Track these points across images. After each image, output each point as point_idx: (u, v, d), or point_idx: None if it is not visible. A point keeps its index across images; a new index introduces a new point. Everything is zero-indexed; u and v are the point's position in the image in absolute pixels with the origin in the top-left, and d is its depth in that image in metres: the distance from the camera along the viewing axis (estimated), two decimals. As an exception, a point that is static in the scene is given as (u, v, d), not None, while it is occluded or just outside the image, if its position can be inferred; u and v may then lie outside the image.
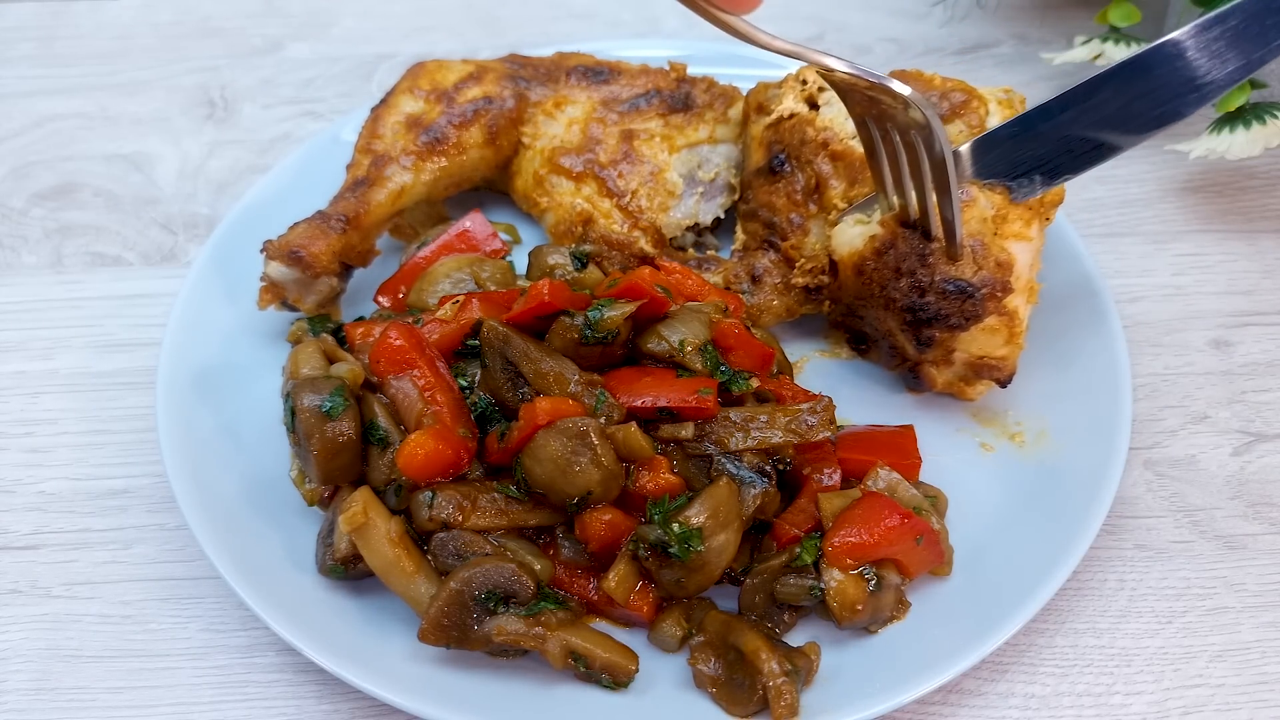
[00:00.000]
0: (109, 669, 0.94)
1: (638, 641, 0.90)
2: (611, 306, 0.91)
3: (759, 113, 1.14)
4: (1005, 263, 0.95)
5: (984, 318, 0.94)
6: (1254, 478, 1.06)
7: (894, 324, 0.99)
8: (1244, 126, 1.20)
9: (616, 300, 0.92)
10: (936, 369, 1.02)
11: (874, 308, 1.00)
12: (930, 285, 0.94)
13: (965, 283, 0.93)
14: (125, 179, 1.37)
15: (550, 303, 0.91)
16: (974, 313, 0.93)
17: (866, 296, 1.00)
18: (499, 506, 0.90)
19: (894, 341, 1.02)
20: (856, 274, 1.00)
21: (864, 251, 0.99)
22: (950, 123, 1.02)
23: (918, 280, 0.94)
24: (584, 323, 0.90)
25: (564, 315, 0.92)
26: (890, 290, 0.97)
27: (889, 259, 0.97)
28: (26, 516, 1.05)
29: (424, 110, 1.18)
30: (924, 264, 0.95)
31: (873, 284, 0.98)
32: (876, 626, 0.90)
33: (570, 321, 0.91)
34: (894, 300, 0.96)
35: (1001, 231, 0.96)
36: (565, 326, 0.91)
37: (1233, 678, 0.93)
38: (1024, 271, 0.97)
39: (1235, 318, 1.20)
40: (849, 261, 1.01)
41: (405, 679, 0.86)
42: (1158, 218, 1.30)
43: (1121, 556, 1.00)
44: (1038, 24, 1.55)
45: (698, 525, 0.85)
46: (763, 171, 1.10)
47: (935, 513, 0.94)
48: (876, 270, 0.98)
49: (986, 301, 0.93)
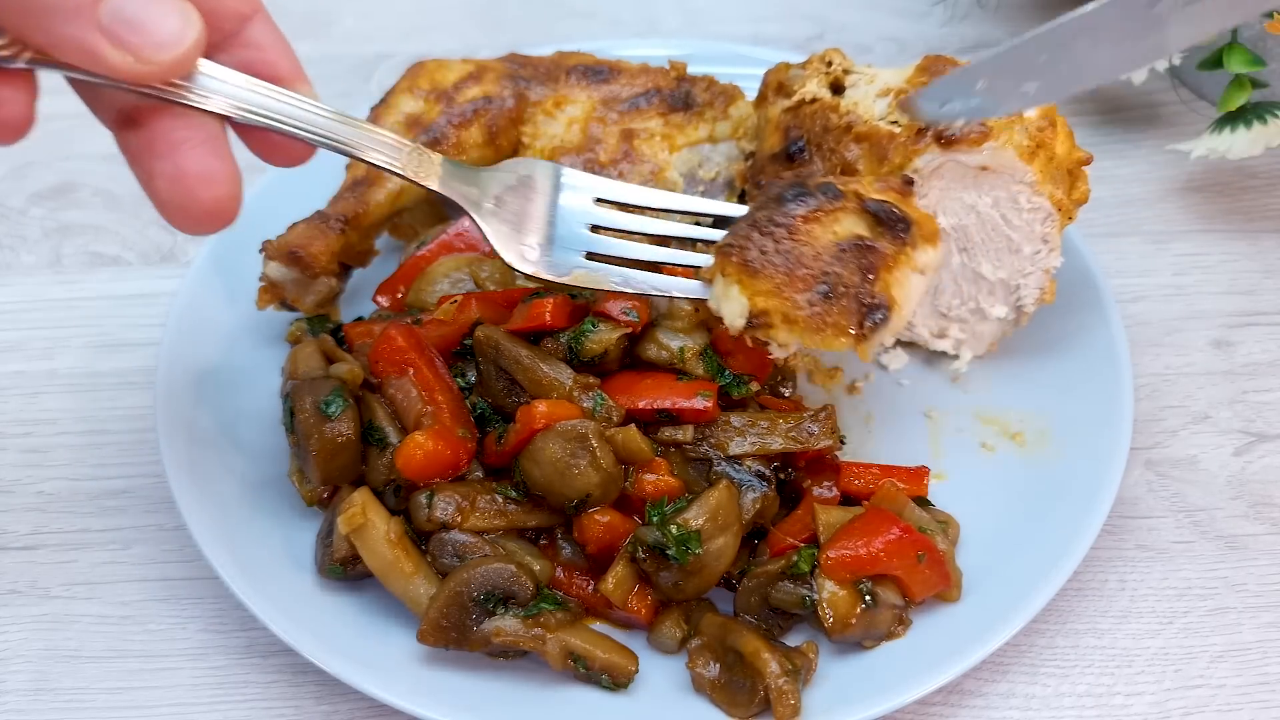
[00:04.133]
0: (108, 669, 0.94)
1: (637, 643, 0.90)
2: (596, 331, 0.91)
3: (778, 94, 1.10)
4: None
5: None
6: (1255, 478, 1.06)
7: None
8: (1245, 126, 1.20)
9: (602, 322, 0.91)
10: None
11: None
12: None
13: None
14: (124, 178, 1.34)
15: (551, 324, 0.92)
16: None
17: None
18: (498, 507, 0.90)
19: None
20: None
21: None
22: None
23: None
24: (568, 348, 0.91)
25: (549, 337, 0.92)
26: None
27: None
28: (25, 517, 1.05)
29: (423, 110, 1.18)
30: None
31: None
32: (871, 643, 0.89)
33: (557, 343, 0.91)
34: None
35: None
36: (554, 346, 0.92)
37: (1234, 678, 0.92)
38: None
39: (1236, 318, 1.19)
40: None
41: (404, 679, 0.86)
42: (1159, 217, 1.30)
43: (1122, 557, 1.00)
44: (1038, 23, 1.54)
45: (696, 528, 0.85)
46: (778, 156, 1.06)
47: (944, 537, 0.92)
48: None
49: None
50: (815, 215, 0.88)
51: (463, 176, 0.86)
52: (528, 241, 0.87)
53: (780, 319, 0.85)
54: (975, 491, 1.00)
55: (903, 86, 1.05)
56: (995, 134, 0.98)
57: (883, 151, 1.02)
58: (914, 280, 0.90)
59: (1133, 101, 1.42)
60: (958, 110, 0.80)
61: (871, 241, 0.88)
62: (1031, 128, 0.99)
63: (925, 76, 1.03)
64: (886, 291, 0.87)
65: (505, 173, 0.90)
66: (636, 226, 0.92)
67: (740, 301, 0.86)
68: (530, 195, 0.89)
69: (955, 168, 1.01)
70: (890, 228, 0.89)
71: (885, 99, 1.05)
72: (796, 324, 0.85)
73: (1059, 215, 1.02)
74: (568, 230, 0.90)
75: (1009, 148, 0.99)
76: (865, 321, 0.86)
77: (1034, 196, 1.01)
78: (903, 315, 0.88)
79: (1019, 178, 1.01)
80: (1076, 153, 1.03)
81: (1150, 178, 1.34)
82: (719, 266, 0.88)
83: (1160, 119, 1.40)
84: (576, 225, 0.90)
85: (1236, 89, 1.21)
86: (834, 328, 0.85)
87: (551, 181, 0.91)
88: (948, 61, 1.04)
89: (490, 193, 0.87)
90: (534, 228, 0.89)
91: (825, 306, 0.85)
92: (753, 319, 0.86)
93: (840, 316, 0.85)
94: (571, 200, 0.91)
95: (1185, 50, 1.33)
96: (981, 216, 1.04)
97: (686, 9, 1.58)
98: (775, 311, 0.85)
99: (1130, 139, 1.38)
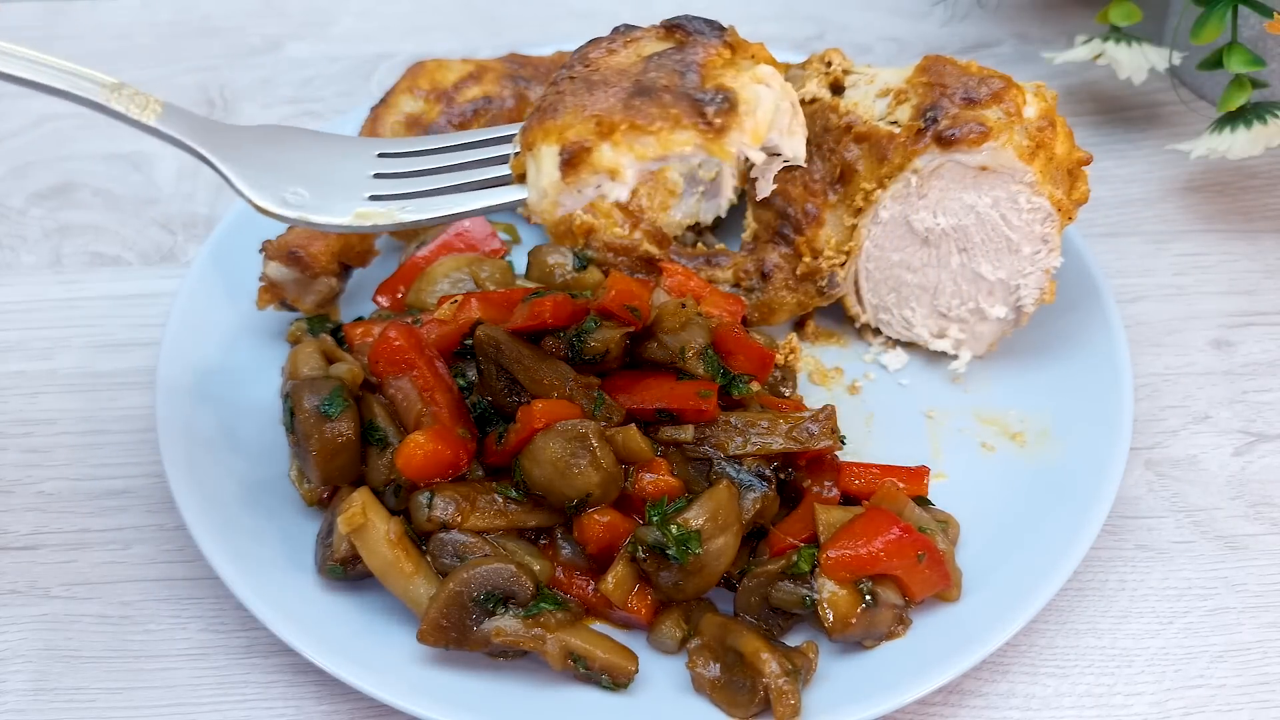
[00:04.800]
0: (108, 669, 0.94)
1: (637, 643, 0.90)
2: (596, 331, 0.90)
3: None
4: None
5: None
6: (1255, 478, 1.06)
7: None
8: (1245, 126, 1.20)
9: (605, 321, 0.91)
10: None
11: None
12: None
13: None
14: (124, 178, 1.37)
15: (551, 324, 0.91)
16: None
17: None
18: (498, 507, 0.90)
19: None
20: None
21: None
22: (988, 108, 0.99)
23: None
24: (569, 346, 0.90)
25: (550, 336, 0.91)
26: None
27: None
28: (25, 517, 1.05)
29: (423, 110, 1.18)
30: None
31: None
32: (871, 643, 0.89)
33: (557, 342, 0.91)
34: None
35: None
36: (555, 345, 0.92)
37: (1234, 678, 0.92)
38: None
39: (1236, 317, 1.19)
40: None
41: (404, 679, 0.86)
42: (1159, 217, 1.30)
43: (1122, 557, 1.00)
44: (1038, 23, 1.55)
45: (696, 528, 0.85)
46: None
47: (944, 536, 0.92)
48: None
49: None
50: (613, 49, 0.76)
51: (199, 122, 0.78)
52: (291, 189, 0.76)
53: (595, 134, 0.71)
54: (975, 491, 1.00)
55: (902, 87, 1.05)
56: (995, 134, 0.98)
57: (882, 151, 1.02)
58: (759, 91, 0.75)
59: (1133, 101, 1.42)
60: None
61: (684, 45, 0.76)
62: (1031, 128, 0.99)
63: (925, 77, 1.03)
64: (720, 84, 0.73)
65: (258, 130, 0.81)
66: (432, 163, 0.80)
67: (550, 156, 0.72)
68: (296, 145, 0.80)
69: (955, 168, 1.01)
70: (700, 33, 0.77)
71: (885, 99, 1.05)
72: (615, 131, 0.71)
73: (1059, 215, 1.02)
74: (346, 178, 0.78)
75: (1009, 148, 0.99)
76: (706, 109, 0.72)
77: (1034, 197, 1.01)
78: (753, 111, 0.74)
79: (1019, 178, 1.01)
80: (1076, 153, 1.03)
81: (1150, 178, 1.34)
82: (522, 140, 0.75)
83: (1160, 119, 1.40)
84: (357, 174, 0.79)
85: (1236, 89, 1.21)
86: (666, 121, 0.71)
87: (314, 139, 0.81)
88: (948, 62, 1.04)
89: (241, 141, 0.78)
90: (300, 176, 0.78)
91: (643, 103, 0.71)
92: (566, 154, 0.71)
93: (669, 109, 0.71)
94: (349, 151, 0.80)
95: (1184, 51, 1.33)
96: (981, 217, 1.04)
97: (686, 9, 1.58)
98: (587, 132, 0.71)
99: (1130, 139, 1.38)
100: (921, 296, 1.09)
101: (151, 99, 0.77)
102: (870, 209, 1.05)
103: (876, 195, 1.04)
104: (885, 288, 1.10)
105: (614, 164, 0.72)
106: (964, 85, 1.00)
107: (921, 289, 1.09)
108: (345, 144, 0.82)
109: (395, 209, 0.76)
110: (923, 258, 1.07)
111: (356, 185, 0.78)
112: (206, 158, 0.77)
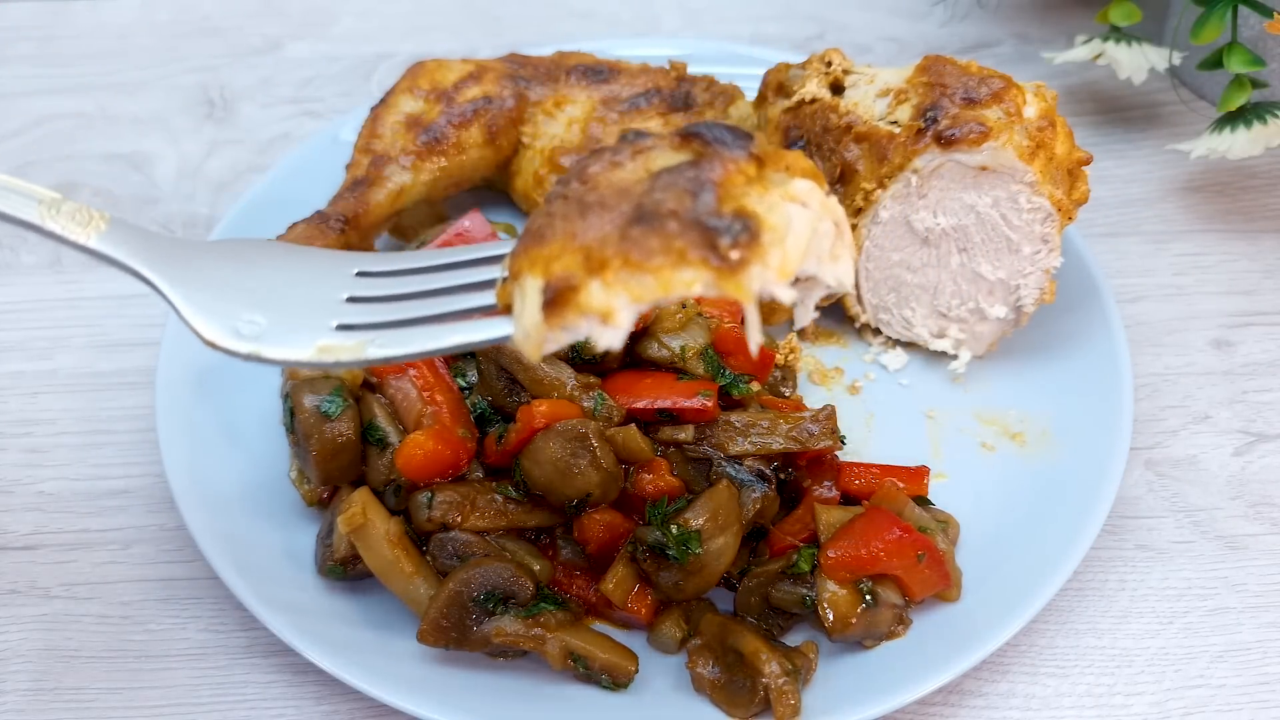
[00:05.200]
0: (108, 669, 0.94)
1: (637, 643, 0.90)
2: None
3: (778, 94, 1.10)
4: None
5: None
6: (1255, 478, 1.06)
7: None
8: (1245, 126, 1.20)
9: None
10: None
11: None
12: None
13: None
14: (124, 179, 1.36)
15: None
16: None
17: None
18: (498, 507, 0.90)
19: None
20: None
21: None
22: (988, 108, 0.99)
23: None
24: (569, 346, 0.90)
25: None
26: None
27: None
28: (25, 517, 1.05)
29: (423, 110, 1.18)
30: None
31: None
32: (871, 642, 0.88)
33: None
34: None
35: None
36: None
37: (1234, 678, 0.92)
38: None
39: (1236, 317, 1.19)
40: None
41: (404, 680, 0.86)
42: (1159, 217, 1.30)
43: (1122, 557, 1.00)
44: (1038, 23, 1.55)
45: (696, 528, 0.85)
46: None
47: (944, 536, 0.92)
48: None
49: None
50: (617, 162, 0.64)
51: (148, 239, 0.68)
52: (246, 317, 0.68)
53: (583, 270, 0.59)
54: (975, 491, 1.00)
55: (903, 86, 1.05)
56: (995, 134, 0.98)
57: (882, 151, 1.02)
58: (792, 211, 0.63)
59: (1133, 101, 1.42)
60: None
61: (700, 160, 0.63)
62: (1031, 128, 0.99)
63: (925, 76, 1.03)
64: (740, 208, 0.61)
65: (220, 245, 0.72)
66: (412, 288, 0.70)
67: (535, 291, 0.61)
68: (261, 262, 0.71)
69: (955, 168, 1.01)
70: (722, 143, 0.64)
71: (885, 99, 1.05)
72: (607, 268, 0.59)
73: (1059, 215, 1.02)
74: (314, 301, 0.69)
75: (1009, 148, 0.99)
76: (719, 241, 0.59)
77: (1034, 197, 1.01)
78: (781, 240, 0.62)
79: (1019, 178, 1.01)
80: (1076, 153, 1.03)
81: (1150, 178, 1.34)
82: (509, 267, 0.65)
83: (1160, 119, 1.40)
84: (327, 296, 0.69)
85: (1236, 89, 1.21)
86: (668, 256, 0.58)
87: (286, 254, 0.72)
88: (948, 62, 1.04)
89: (194, 260, 0.69)
90: (261, 300, 0.69)
91: (643, 233, 0.59)
92: (550, 291, 0.59)
93: (673, 240, 0.59)
94: (323, 269, 0.71)
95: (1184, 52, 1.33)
96: (981, 216, 1.04)
97: (686, 9, 1.58)
98: (574, 266, 0.59)
99: (1130, 139, 1.38)
100: (921, 296, 1.09)
101: (96, 215, 0.69)
102: (870, 209, 1.05)
103: (876, 195, 1.03)
104: (885, 288, 1.10)
105: (605, 306, 0.59)
106: (964, 85, 1.00)
107: (921, 289, 1.09)
108: (319, 261, 0.73)
109: (365, 341, 0.67)
110: (923, 258, 1.07)
111: (324, 311, 0.69)
112: (151, 281, 0.69)
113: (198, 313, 0.68)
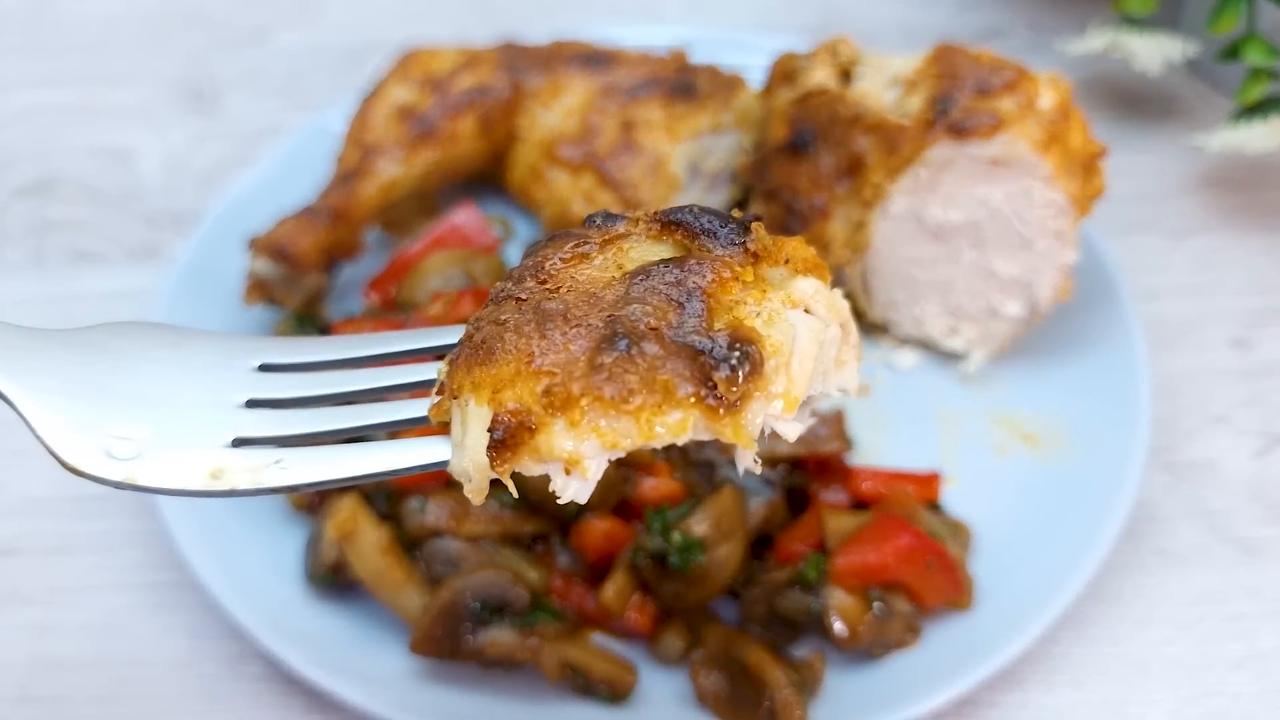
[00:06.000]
0: (92, 678, 0.92)
1: (637, 655, 0.87)
2: None
3: (785, 83, 1.07)
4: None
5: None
6: (1274, 480, 1.03)
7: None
8: (1263, 119, 1.17)
9: None
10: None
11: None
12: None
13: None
14: (109, 173, 1.34)
15: None
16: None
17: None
18: (492, 513, 0.87)
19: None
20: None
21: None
22: (1001, 99, 0.96)
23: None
24: None
25: None
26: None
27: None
28: (7, 521, 1.02)
29: (415, 100, 1.15)
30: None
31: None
32: (880, 651, 0.86)
33: None
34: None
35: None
36: None
37: (1251, 686, 0.90)
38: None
39: (1255, 316, 1.17)
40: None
41: (396, 692, 0.84)
42: (1176, 213, 1.27)
43: (1139, 562, 0.98)
44: (1051, 11, 1.51)
45: (699, 535, 0.83)
46: (785, 149, 1.03)
47: (956, 542, 0.90)
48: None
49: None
50: (582, 253, 0.53)
51: (4, 333, 0.55)
52: (122, 433, 0.54)
53: (542, 407, 0.49)
54: (988, 495, 0.97)
55: (913, 77, 1.01)
56: (1008, 125, 0.95)
57: (892, 143, 0.99)
58: (795, 323, 0.53)
59: (1149, 94, 1.39)
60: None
61: (684, 259, 0.53)
62: (1045, 119, 0.96)
63: (937, 66, 1.00)
64: (736, 324, 0.51)
65: (89, 334, 0.57)
66: (327, 389, 0.57)
67: (480, 421, 0.50)
68: (146, 356, 0.57)
69: (967, 161, 0.98)
70: (711, 235, 0.53)
71: (895, 89, 1.02)
72: (573, 407, 0.48)
73: (1074, 209, 0.99)
74: (206, 407, 0.56)
75: (1023, 140, 0.96)
76: (716, 373, 0.49)
77: (1048, 190, 0.98)
78: (786, 365, 0.51)
79: (1033, 171, 0.97)
80: (1091, 145, 1.00)
81: (1167, 172, 1.31)
82: (446, 378, 0.53)
83: (1177, 112, 1.37)
84: (223, 400, 0.57)
85: (1254, 82, 1.18)
86: (651, 395, 0.48)
87: (175, 343, 0.58)
88: (960, 51, 1.01)
89: (61, 359, 0.56)
90: (144, 406, 0.55)
91: (619, 362, 0.48)
92: (500, 429, 0.48)
93: (655, 373, 0.48)
94: (218, 362, 0.58)
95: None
96: (994, 211, 1.01)
97: (687, -3, 1.55)
98: (531, 400, 0.49)
99: (1146, 132, 1.35)
100: (933, 294, 1.06)
101: None
102: (880, 203, 1.02)
103: (886, 188, 1.00)
104: (895, 284, 1.07)
105: (571, 454, 0.48)
106: (976, 75, 0.97)
107: (933, 286, 1.06)
108: (214, 352, 0.59)
109: (266, 463, 0.54)
110: (934, 254, 1.04)
111: (219, 420, 0.56)
112: (7, 399, 0.56)
113: (59, 429, 0.55)
